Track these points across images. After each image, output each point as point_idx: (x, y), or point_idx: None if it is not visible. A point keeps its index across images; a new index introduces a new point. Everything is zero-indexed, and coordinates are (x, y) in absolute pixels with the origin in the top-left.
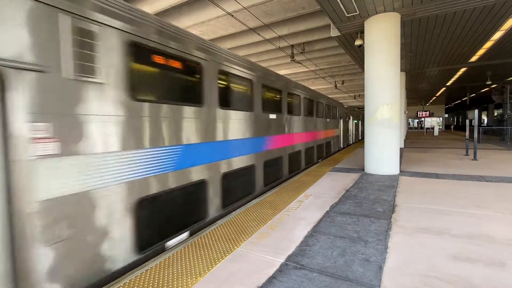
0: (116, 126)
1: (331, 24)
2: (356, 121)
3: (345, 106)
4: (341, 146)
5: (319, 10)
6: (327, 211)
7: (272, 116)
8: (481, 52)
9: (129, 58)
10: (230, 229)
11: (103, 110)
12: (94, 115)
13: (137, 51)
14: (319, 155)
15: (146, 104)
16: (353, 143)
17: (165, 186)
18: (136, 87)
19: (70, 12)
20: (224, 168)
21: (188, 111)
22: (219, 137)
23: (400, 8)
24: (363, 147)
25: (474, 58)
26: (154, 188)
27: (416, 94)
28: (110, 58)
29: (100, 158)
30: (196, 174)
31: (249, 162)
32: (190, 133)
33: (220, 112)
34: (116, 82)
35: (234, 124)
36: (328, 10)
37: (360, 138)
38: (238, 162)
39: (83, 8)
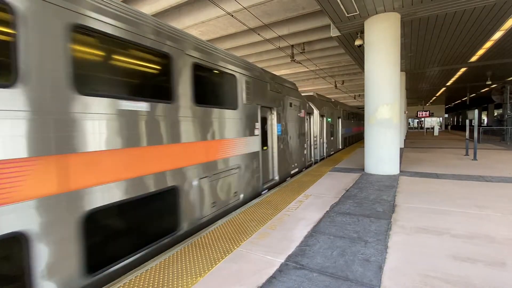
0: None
1: (331, 24)
2: (330, 120)
3: (318, 96)
4: (275, 177)
5: (319, 10)
6: (327, 211)
7: None
8: (481, 52)
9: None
10: (230, 229)
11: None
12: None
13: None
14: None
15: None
16: (323, 158)
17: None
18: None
19: None
20: None
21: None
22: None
23: (400, 8)
24: (363, 147)
25: (474, 58)
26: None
27: (416, 94)
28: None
29: None
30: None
31: None
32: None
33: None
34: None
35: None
36: (328, 10)
37: (340, 147)
38: None
39: None
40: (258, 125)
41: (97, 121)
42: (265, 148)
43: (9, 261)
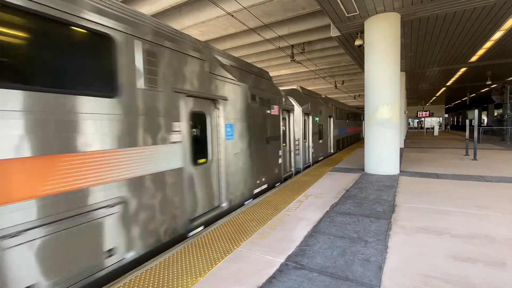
0: None
1: (331, 24)
2: (318, 119)
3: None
4: (222, 203)
5: (319, 10)
6: (327, 211)
7: None
8: (481, 52)
9: None
10: (230, 229)
11: None
12: None
13: None
14: None
15: None
16: (308, 166)
17: None
18: None
19: None
20: None
21: None
22: None
23: (400, 8)
24: (363, 147)
25: (474, 58)
26: None
27: (416, 94)
28: None
29: None
30: None
31: None
32: None
33: None
34: None
35: None
36: (328, 10)
37: (332, 151)
38: None
39: None
40: (180, 125)
41: None
42: (201, 161)
43: None
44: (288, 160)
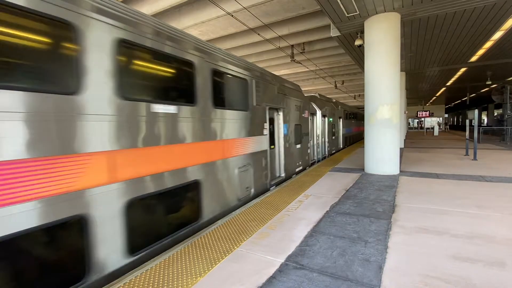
0: None
1: (331, 24)
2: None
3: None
4: None
5: (319, 10)
6: (327, 211)
7: None
8: (481, 52)
9: None
10: (230, 229)
11: None
12: None
13: None
14: None
15: None
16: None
17: None
18: None
19: None
20: None
21: None
22: None
23: (400, 8)
24: (363, 147)
25: (474, 58)
26: None
27: (416, 94)
28: None
29: None
30: None
31: None
32: None
33: None
34: None
35: None
36: (328, 10)
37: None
38: None
39: None
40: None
41: None
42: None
43: None
44: None
